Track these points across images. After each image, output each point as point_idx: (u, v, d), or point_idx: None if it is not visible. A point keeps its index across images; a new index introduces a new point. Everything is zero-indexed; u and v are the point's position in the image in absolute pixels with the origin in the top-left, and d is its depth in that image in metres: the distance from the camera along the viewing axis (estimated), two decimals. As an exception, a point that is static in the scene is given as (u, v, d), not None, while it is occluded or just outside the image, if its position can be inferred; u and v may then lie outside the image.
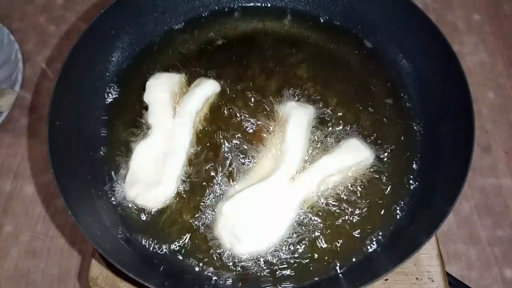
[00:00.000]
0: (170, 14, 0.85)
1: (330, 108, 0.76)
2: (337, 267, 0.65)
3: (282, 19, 0.86)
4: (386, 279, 0.67)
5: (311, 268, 0.64)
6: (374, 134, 0.74)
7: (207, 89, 0.77)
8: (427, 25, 0.73)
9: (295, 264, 0.65)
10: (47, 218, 0.90)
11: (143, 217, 0.68)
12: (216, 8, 0.87)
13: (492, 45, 1.09)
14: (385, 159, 0.72)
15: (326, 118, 0.75)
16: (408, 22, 0.77)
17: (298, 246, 0.65)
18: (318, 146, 0.72)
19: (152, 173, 0.70)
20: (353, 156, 0.71)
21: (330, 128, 0.74)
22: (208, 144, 0.73)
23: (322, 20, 0.85)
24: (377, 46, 0.82)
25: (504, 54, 1.07)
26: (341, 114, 0.75)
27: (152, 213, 0.68)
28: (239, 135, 0.73)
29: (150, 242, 0.66)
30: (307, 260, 0.65)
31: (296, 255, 0.65)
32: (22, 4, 1.17)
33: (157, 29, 0.84)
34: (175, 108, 0.75)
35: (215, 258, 0.65)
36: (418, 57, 0.77)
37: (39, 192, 0.93)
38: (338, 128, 0.74)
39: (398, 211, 0.68)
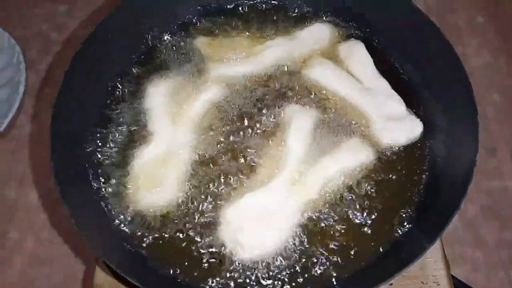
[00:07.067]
0: (171, 18, 0.85)
1: (329, 109, 0.75)
2: (347, 270, 0.64)
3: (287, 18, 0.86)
4: (391, 284, 0.67)
5: (316, 273, 0.64)
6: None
7: (211, 94, 0.76)
8: (429, 27, 0.73)
9: (299, 269, 0.64)
10: (51, 224, 0.91)
11: (146, 223, 0.68)
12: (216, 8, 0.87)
13: (496, 46, 1.08)
14: (390, 158, 0.71)
15: (326, 119, 0.74)
16: (412, 26, 0.76)
17: (302, 251, 0.65)
18: (318, 147, 0.71)
19: (154, 179, 0.69)
20: (354, 157, 0.70)
21: (330, 128, 0.73)
22: (210, 149, 0.72)
23: (331, 23, 0.85)
24: (383, 49, 0.82)
25: (508, 55, 1.07)
26: (341, 114, 0.75)
27: (154, 219, 0.68)
28: (241, 139, 0.73)
29: (154, 248, 0.66)
30: (313, 265, 0.64)
31: (300, 260, 0.64)
32: (25, 11, 1.18)
33: (158, 35, 0.84)
34: (176, 113, 0.75)
35: (217, 263, 0.64)
36: (421, 60, 0.77)
37: (43, 199, 0.93)
38: (338, 128, 0.73)
39: (404, 215, 0.67)
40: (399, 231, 0.66)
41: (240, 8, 0.87)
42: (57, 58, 1.11)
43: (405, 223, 0.66)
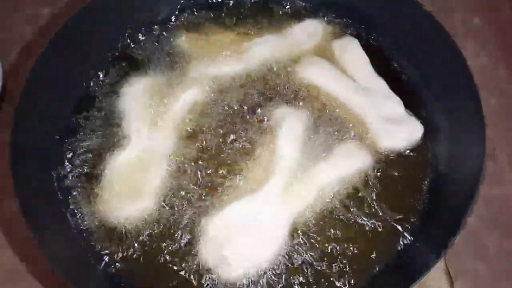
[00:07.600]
0: (152, 14, 0.81)
1: (323, 111, 0.72)
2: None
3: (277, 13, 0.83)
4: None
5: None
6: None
7: (194, 94, 0.73)
8: (429, 21, 0.71)
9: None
10: (27, 238, 0.86)
11: (119, 239, 0.63)
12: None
13: (493, 49, 1.07)
14: (389, 164, 0.68)
15: (319, 121, 0.71)
16: (410, 20, 0.74)
17: (294, 269, 0.61)
18: (311, 152, 0.68)
19: (129, 187, 0.66)
20: (350, 162, 0.67)
21: (323, 132, 0.70)
22: (191, 154, 0.69)
23: (324, 18, 0.82)
24: (379, 46, 0.79)
25: (505, 58, 1.05)
26: (335, 116, 0.72)
27: (128, 234, 0.63)
28: (227, 144, 0.69)
29: (128, 267, 0.62)
30: (307, 284, 0.60)
31: (292, 279, 0.60)
32: (7, 14, 1.15)
33: (137, 31, 0.80)
34: (154, 115, 0.71)
35: (199, 281, 0.60)
36: (420, 57, 0.74)
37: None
38: (332, 132, 0.70)
39: (407, 226, 0.64)
40: (402, 244, 0.63)
41: (227, 3, 0.84)
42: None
43: (408, 236, 0.63)
